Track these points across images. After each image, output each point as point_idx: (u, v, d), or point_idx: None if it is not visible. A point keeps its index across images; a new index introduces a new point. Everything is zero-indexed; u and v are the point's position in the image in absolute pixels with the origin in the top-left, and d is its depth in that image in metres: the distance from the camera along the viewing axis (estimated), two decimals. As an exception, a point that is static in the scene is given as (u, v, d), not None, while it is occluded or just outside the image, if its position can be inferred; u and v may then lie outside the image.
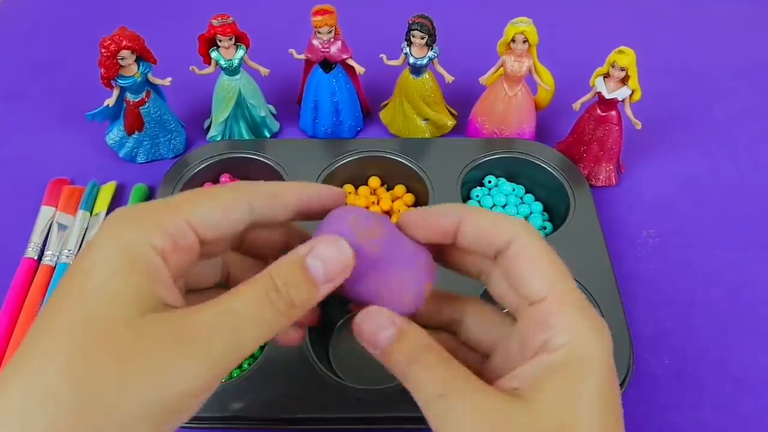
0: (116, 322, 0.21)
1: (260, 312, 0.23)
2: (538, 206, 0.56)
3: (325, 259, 0.25)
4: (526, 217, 0.55)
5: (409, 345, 0.25)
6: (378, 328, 0.26)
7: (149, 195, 0.57)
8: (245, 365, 0.46)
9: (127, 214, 0.24)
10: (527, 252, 0.25)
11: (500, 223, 0.26)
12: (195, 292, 0.28)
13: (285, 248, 0.26)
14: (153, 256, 0.23)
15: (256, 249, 0.30)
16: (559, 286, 0.24)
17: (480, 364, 0.28)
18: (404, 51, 0.56)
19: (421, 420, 0.42)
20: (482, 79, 0.59)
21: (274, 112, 0.64)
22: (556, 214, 0.55)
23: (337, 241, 0.25)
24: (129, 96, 0.56)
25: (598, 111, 0.55)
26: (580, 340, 0.23)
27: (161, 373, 0.21)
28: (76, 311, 0.21)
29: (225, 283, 0.30)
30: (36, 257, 0.52)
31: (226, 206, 0.25)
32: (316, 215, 0.28)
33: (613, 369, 0.23)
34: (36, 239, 0.52)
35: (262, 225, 0.27)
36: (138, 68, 0.54)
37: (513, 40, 0.54)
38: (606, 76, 0.53)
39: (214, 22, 0.54)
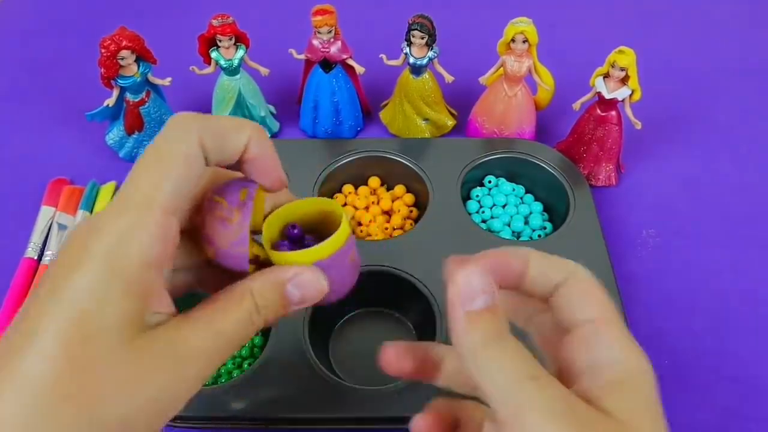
0: (113, 349, 0.22)
1: (244, 333, 0.25)
2: (538, 206, 0.56)
3: (305, 290, 0.26)
4: (526, 217, 0.55)
5: (499, 321, 0.24)
6: (478, 289, 0.24)
7: (149, 195, 0.57)
8: (245, 365, 0.46)
9: (110, 230, 0.23)
10: (584, 284, 0.25)
11: (560, 262, 0.26)
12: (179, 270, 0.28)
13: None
14: (147, 274, 0.23)
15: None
16: (608, 313, 0.25)
17: None
18: (404, 51, 0.56)
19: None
20: (482, 79, 0.59)
21: (274, 112, 0.64)
22: (556, 214, 0.55)
23: (320, 277, 0.26)
24: (129, 96, 0.56)
25: (598, 111, 0.55)
26: (633, 357, 0.24)
27: (161, 397, 0.22)
28: (70, 336, 0.21)
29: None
30: (36, 257, 0.52)
31: (185, 167, 0.24)
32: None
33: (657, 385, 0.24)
34: (36, 239, 0.52)
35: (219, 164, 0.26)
36: (138, 68, 0.54)
37: (513, 40, 0.54)
38: (606, 76, 0.53)
39: (214, 22, 0.54)
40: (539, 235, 0.53)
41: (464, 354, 0.24)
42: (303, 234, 0.28)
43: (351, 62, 0.58)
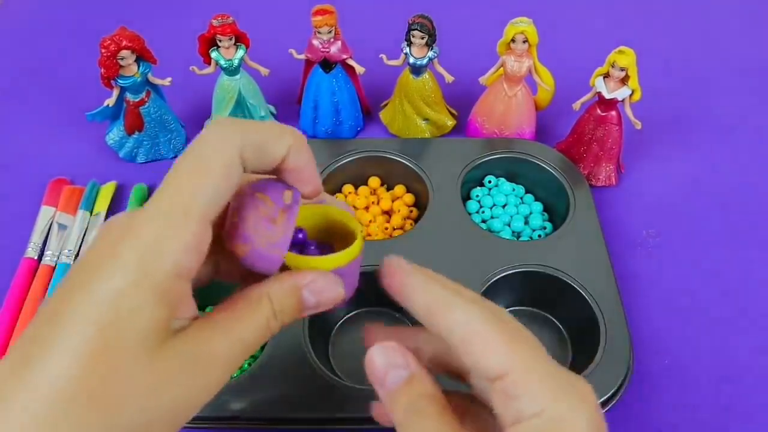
0: (138, 357, 0.21)
1: (262, 338, 0.25)
2: (538, 206, 0.56)
3: (321, 296, 0.26)
4: (526, 217, 0.55)
5: (415, 391, 0.25)
6: (391, 365, 0.26)
7: (149, 195, 0.57)
8: (245, 365, 0.46)
9: (145, 235, 0.22)
10: (471, 334, 0.24)
11: (447, 317, 0.25)
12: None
13: None
14: (178, 283, 0.23)
15: None
16: (519, 356, 0.24)
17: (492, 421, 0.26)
18: (404, 51, 0.56)
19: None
20: (482, 79, 0.59)
21: (274, 112, 0.64)
22: (556, 214, 0.55)
23: (337, 283, 0.26)
24: (129, 96, 0.56)
25: (598, 111, 0.55)
26: (555, 406, 0.23)
27: (180, 404, 0.23)
28: (96, 340, 0.21)
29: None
30: (36, 257, 0.52)
31: (224, 177, 0.24)
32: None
33: (599, 426, 0.23)
34: (36, 239, 0.52)
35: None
36: (138, 68, 0.54)
37: (513, 40, 0.54)
38: (606, 76, 0.53)
39: (214, 22, 0.54)
40: (539, 235, 0.53)
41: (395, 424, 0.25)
42: (306, 239, 0.28)
43: (351, 62, 0.58)
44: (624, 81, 0.52)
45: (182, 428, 0.43)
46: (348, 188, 0.57)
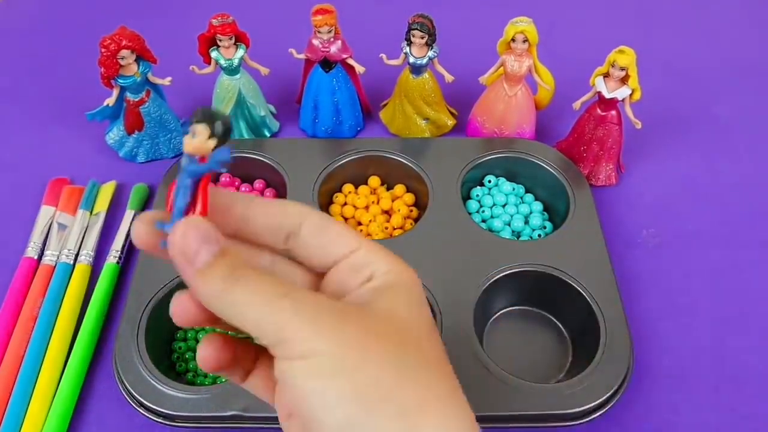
0: None
1: None
2: (538, 206, 0.56)
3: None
4: (526, 217, 0.55)
5: (230, 261, 0.23)
6: (202, 241, 0.23)
7: (149, 195, 0.57)
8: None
9: None
10: (325, 223, 0.26)
11: (289, 209, 0.26)
12: None
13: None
14: None
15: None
16: (360, 239, 0.26)
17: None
18: (404, 51, 0.56)
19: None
20: (482, 79, 0.59)
21: (274, 111, 0.64)
22: (556, 214, 0.55)
23: None
24: (129, 95, 0.56)
25: (598, 110, 0.55)
26: (398, 269, 0.26)
27: None
28: None
29: None
30: (36, 257, 0.52)
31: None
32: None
33: (423, 293, 0.27)
34: (36, 239, 0.52)
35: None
36: (138, 68, 0.54)
37: (513, 40, 0.54)
38: (606, 75, 0.53)
39: (214, 21, 0.54)
40: (539, 235, 0.53)
41: (212, 306, 0.23)
42: None
43: (351, 62, 0.58)
44: (624, 80, 0.52)
45: (182, 428, 0.43)
46: (348, 188, 0.57)
